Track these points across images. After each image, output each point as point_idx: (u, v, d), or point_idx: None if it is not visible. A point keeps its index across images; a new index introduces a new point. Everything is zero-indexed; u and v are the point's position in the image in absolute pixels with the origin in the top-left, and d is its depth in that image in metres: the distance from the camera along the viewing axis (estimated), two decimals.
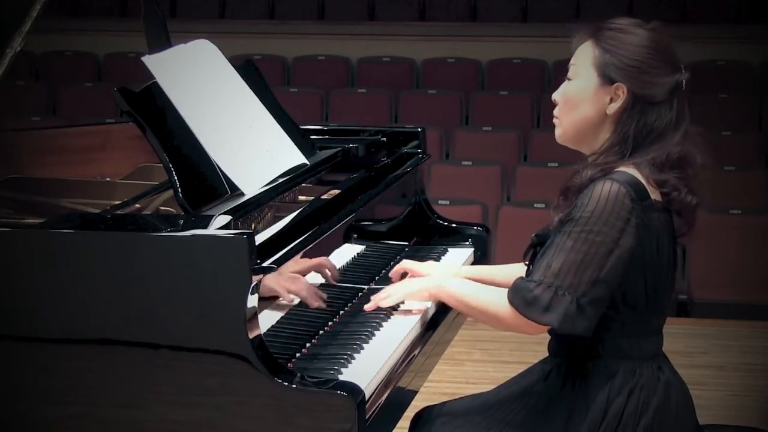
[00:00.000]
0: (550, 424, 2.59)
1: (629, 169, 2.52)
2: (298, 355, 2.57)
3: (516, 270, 2.90)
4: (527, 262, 2.69)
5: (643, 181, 2.52)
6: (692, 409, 2.65)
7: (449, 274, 2.98)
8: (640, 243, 2.50)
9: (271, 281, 2.53)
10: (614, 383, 2.55)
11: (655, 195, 2.54)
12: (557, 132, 2.66)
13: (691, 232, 2.63)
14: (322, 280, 2.80)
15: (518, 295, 2.50)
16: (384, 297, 2.78)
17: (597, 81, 2.58)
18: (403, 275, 3.00)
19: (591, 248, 2.45)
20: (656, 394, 2.56)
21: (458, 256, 3.47)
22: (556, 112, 2.65)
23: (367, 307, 2.78)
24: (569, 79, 2.63)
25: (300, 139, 3.16)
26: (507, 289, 2.54)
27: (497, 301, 2.56)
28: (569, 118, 2.62)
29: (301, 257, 2.64)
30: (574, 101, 2.61)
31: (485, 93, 8.65)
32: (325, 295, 2.75)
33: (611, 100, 2.57)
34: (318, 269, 2.79)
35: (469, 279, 2.99)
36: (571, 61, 2.64)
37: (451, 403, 2.83)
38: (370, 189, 3.15)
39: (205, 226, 2.39)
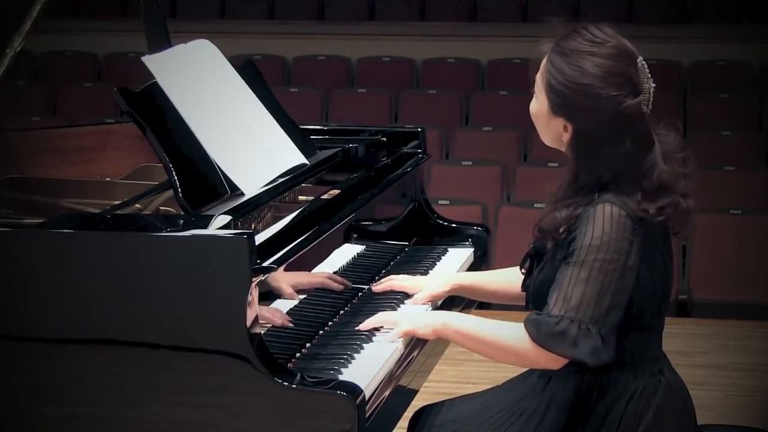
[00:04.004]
0: (549, 429, 2.59)
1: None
2: (298, 355, 2.57)
3: (508, 275, 2.90)
4: (523, 271, 2.67)
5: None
6: (692, 410, 2.64)
7: (443, 283, 2.97)
8: (644, 260, 2.47)
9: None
10: (615, 390, 2.54)
11: (651, 210, 2.47)
12: (540, 136, 2.63)
13: (686, 227, 2.60)
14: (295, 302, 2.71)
15: (541, 331, 2.44)
16: (382, 323, 2.70)
17: (548, 109, 2.52)
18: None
19: (606, 277, 2.41)
20: (656, 396, 2.55)
21: (458, 256, 3.46)
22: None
23: (363, 326, 2.69)
24: (534, 94, 2.57)
25: (300, 139, 3.16)
26: (521, 324, 2.48)
27: (516, 336, 2.48)
28: (540, 130, 2.58)
29: (298, 263, 2.63)
30: (538, 120, 2.57)
31: (485, 93, 8.65)
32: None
33: (564, 129, 2.51)
34: (324, 285, 2.79)
35: (463, 286, 2.99)
36: (536, 75, 2.55)
37: (450, 403, 2.82)
38: (370, 189, 3.15)
39: (205, 226, 2.39)
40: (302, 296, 2.69)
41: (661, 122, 2.54)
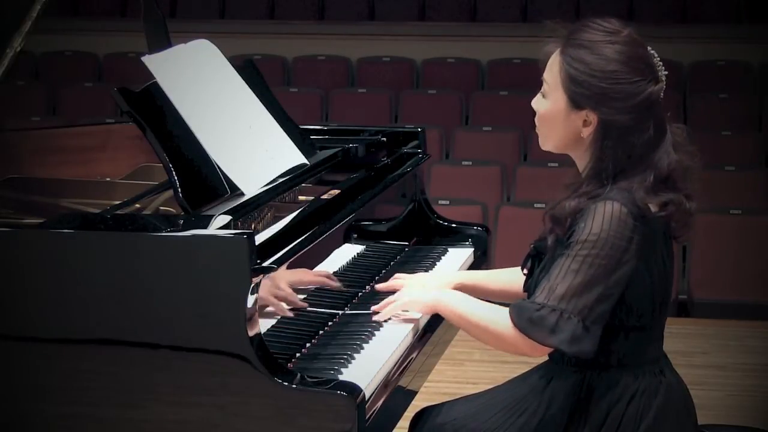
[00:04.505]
0: (549, 430, 2.59)
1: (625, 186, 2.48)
2: (298, 355, 2.57)
3: (511, 275, 2.89)
4: (525, 272, 2.67)
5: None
6: (692, 410, 2.64)
7: (446, 282, 2.97)
8: (644, 259, 2.47)
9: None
10: (616, 390, 2.54)
11: (654, 207, 2.50)
12: (540, 142, 2.61)
13: (688, 232, 2.60)
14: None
15: (522, 316, 2.46)
16: (386, 302, 2.76)
17: (567, 104, 2.50)
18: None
19: (597, 271, 2.42)
20: (657, 396, 2.55)
21: (458, 256, 3.46)
22: (536, 121, 2.59)
23: (376, 307, 2.76)
24: (542, 94, 2.56)
25: (300, 139, 3.16)
26: (509, 308, 2.50)
27: (499, 319, 2.51)
28: (548, 134, 2.57)
29: (298, 263, 2.63)
30: (549, 121, 2.55)
31: (485, 93, 8.65)
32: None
33: (584, 124, 2.50)
34: (320, 284, 2.79)
35: (467, 285, 2.98)
36: (544, 75, 2.55)
37: (450, 404, 2.82)
38: (370, 189, 3.15)
39: (205, 226, 2.39)
40: (302, 296, 2.69)
41: (668, 113, 2.56)
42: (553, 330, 2.43)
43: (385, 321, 2.75)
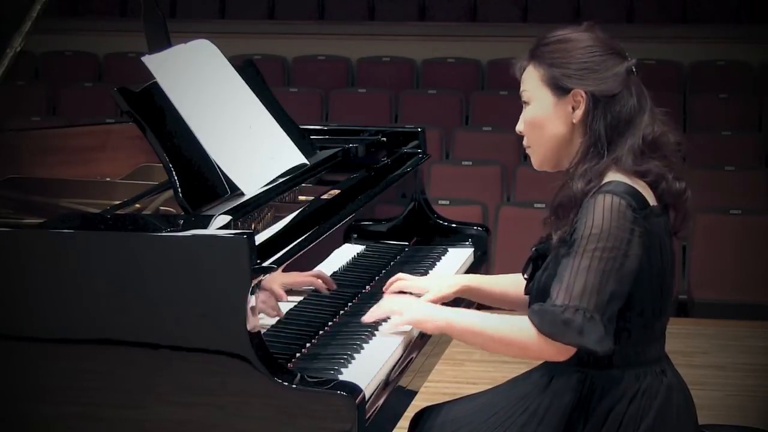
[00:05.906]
0: (550, 429, 2.59)
1: (620, 177, 2.50)
2: (298, 355, 2.57)
3: (516, 280, 2.87)
4: (526, 276, 2.67)
5: (639, 188, 2.50)
6: (693, 411, 2.64)
7: (450, 285, 2.95)
8: (645, 251, 2.48)
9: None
10: (617, 390, 2.54)
11: (652, 200, 2.53)
12: (534, 161, 2.65)
13: (687, 224, 2.61)
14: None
15: (547, 322, 2.44)
16: (387, 312, 2.72)
17: (552, 96, 2.58)
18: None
19: (606, 265, 2.43)
20: (658, 397, 2.55)
21: (458, 256, 3.46)
22: (525, 142, 2.65)
23: (365, 318, 2.72)
24: (526, 104, 2.63)
25: (300, 139, 3.16)
26: (525, 317, 2.48)
27: (521, 329, 2.48)
28: (540, 143, 2.62)
29: (298, 263, 2.63)
30: (538, 124, 2.61)
31: (485, 93, 8.65)
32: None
33: (573, 109, 2.56)
34: (312, 285, 2.77)
35: (471, 288, 2.96)
36: (522, 89, 2.64)
37: (450, 404, 2.82)
38: (370, 189, 3.15)
39: (205, 226, 2.39)
40: (300, 297, 2.69)
41: (667, 113, 2.64)
42: (581, 331, 2.42)
43: (385, 321, 2.75)
